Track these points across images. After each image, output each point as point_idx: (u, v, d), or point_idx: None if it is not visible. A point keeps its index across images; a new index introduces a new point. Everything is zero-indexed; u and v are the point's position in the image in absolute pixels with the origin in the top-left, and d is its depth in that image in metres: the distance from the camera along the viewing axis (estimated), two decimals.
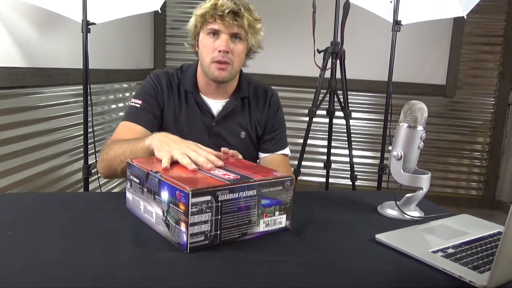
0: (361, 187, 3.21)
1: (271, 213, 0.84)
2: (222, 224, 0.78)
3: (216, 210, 0.76)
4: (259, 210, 0.82)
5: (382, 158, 2.19)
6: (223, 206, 0.77)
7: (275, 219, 0.85)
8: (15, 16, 1.81)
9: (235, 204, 0.79)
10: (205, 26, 1.20)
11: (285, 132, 1.40)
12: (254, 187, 0.81)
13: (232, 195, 0.78)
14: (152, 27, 3.38)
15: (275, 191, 0.84)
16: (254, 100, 1.34)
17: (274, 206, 0.84)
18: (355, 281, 0.69)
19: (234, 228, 0.80)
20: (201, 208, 0.74)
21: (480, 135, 3.30)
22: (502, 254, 0.62)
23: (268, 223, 0.84)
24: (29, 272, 0.66)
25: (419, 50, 3.19)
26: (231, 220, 0.79)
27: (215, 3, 1.16)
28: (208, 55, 1.20)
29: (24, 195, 1.51)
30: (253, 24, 1.21)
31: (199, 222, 0.75)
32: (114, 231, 0.83)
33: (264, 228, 0.84)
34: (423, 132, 0.98)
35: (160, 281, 0.66)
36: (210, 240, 0.77)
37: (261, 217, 0.83)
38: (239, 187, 0.79)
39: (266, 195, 0.83)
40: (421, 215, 1.00)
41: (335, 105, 2.19)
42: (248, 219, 0.81)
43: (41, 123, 2.01)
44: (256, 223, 0.83)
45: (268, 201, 0.83)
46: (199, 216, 0.75)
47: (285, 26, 3.22)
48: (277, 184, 0.84)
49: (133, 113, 1.24)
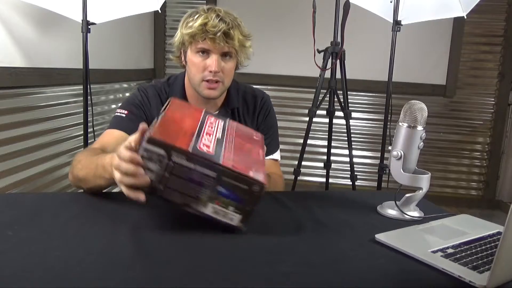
0: (361, 187, 3.21)
1: (225, 204, 0.82)
2: (168, 183, 0.79)
3: (166, 167, 0.78)
4: (213, 194, 0.80)
5: (382, 158, 2.19)
6: (175, 168, 0.78)
7: (226, 212, 0.82)
8: (15, 16, 1.81)
9: (188, 173, 0.78)
10: (194, 45, 1.18)
11: (277, 137, 1.39)
12: (215, 169, 0.79)
13: (188, 163, 0.78)
14: (152, 27, 3.39)
15: (239, 187, 0.80)
16: (244, 108, 1.33)
17: (230, 200, 0.81)
18: (355, 281, 0.69)
19: (179, 193, 0.80)
20: (150, 156, 0.77)
21: (480, 135, 3.30)
22: (501, 254, 0.62)
23: (217, 210, 0.82)
24: (29, 272, 0.66)
25: (419, 50, 3.19)
26: (178, 184, 0.79)
27: (204, 22, 1.13)
28: (198, 74, 1.19)
29: (24, 195, 1.51)
30: (243, 43, 1.20)
31: (146, 168, 0.78)
32: (114, 231, 0.83)
33: (210, 212, 0.82)
34: (423, 132, 0.98)
35: (160, 281, 0.66)
36: (150, 188, 0.79)
37: (212, 201, 0.81)
38: (199, 160, 0.78)
39: (226, 184, 0.80)
40: (421, 215, 1.00)
41: (335, 105, 2.19)
42: (197, 194, 0.80)
43: (41, 123, 2.01)
44: (204, 203, 0.81)
45: (225, 191, 0.80)
46: (148, 162, 0.78)
47: (285, 26, 3.22)
48: (242, 182, 0.80)
49: (118, 121, 1.21)
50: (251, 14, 3.09)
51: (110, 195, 1.05)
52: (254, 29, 1.27)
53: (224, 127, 0.97)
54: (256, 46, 1.30)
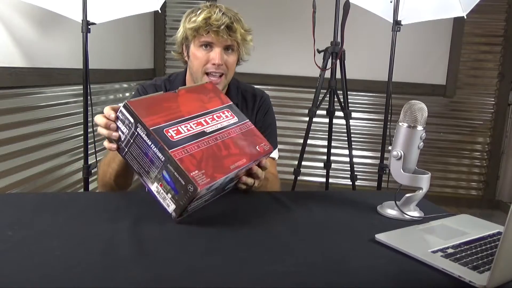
0: (361, 187, 3.21)
1: (166, 190, 0.86)
2: (130, 148, 0.89)
3: (131, 135, 0.88)
4: (159, 175, 0.86)
5: (382, 158, 2.19)
6: (137, 138, 0.87)
7: (165, 197, 0.87)
8: (15, 16, 1.81)
9: (145, 147, 0.87)
10: (198, 39, 1.20)
11: (275, 136, 1.40)
12: (164, 153, 0.85)
13: (146, 138, 0.86)
14: (152, 27, 3.39)
15: (177, 179, 0.84)
16: (243, 106, 1.34)
17: (170, 188, 0.86)
18: (354, 281, 0.69)
19: (136, 161, 0.89)
20: (123, 119, 0.88)
21: (480, 135, 3.30)
22: (501, 254, 0.62)
23: (159, 191, 0.87)
24: (29, 272, 0.66)
25: (419, 50, 3.19)
26: (136, 153, 0.88)
27: (208, 16, 1.17)
28: (201, 67, 1.22)
29: (24, 195, 1.51)
30: (245, 37, 1.24)
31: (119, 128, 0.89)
32: (114, 231, 0.83)
33: (154, 190, 0.88)
34: (423, 132, 0.98)
35: (160, 281, 0.66)
36: (121, 148, 0.90)
37: (157, 180, 0.87)
38: (155, 140, 0.85)
39: (169, 171, 0.85)
40: (421, 215, 1.00)
41: (335, 105, 2.19)
42: (147, 169, 0.88)
43: (41, 123, 2.01)
44: (152, 180, 0.88)
45: (168, 177, 0.85)
46: (120, 124, 0.89)
47: (285, 26, 3.22)
48: (181, 176, 0.83)
49: None
50: (251, 14, 3.08)
51: (110, 195, 1.05)
52: (254, 29, 1.28)
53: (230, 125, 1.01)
54: (256, 46, 1.31)
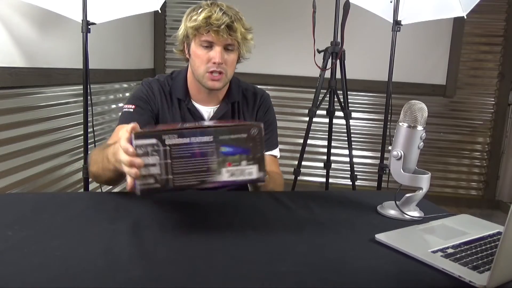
0: (361, 187, 3.21)
1: (236, 162, 0.80)
2: (174, 169, 0.78)
3: (164, 154, 0.77)
4: (220, 158, 0.79)
5: (382, 158, 2.19)
6: (173, 151, 0.77)
7: (242, 169, 0.80)
8: (15, 16, 1.81)
9: (187, 149, 0.78)
10: (198, 37, 1.21)
11: (276, 134, 1.41)
12: (208, 132, 0.78)
13: (182, 139, 0.78)
14: (152, 27, 3.38)
15: (238, 139, 0.79)
16: (243, 104, 1.35)
17: (239, 155, 0.79)
18: (354, 281, 0.69)
19: (189, 174, 0.79)
20: (146, 150, 0.77)
21: (480, 135, 3.30)
22: (501, 254, 0.62)
23: (233, 172, 0.80)
24: (28, 272, 0.66)
25: (419, 50, 3.19)
26: (184, 166, 0.78)
27: (208, 16, 1.17)
28: (202, 65, 1.22)
29: (24, 195, 1.51)
30: (245, 36, 1.24)
31: (146, 164, 0.77)
32: (114, 231, 0.83)
33: (228, 177, 0.80)
34: (423, 132, 0.98)
35: (160, 281, 0.66)
36: (163, 184, 0.78)
37: (223, 165, 0.80)
38: (190, 132, 0.78)
39: (226, 142, 0.79)
40: (421, 215, 1.00)
41: (335, 105, 2.19)
42: (206, 166, 0.79)
43: (41, 123, 2.01)
44: (217, 171, 0.80)
45: (229, 149, 0.79)
46: (145, 158, 0.77)
47: (285, 26, 3.22)
48: (238, 132, 0.79)
49: (126, 116, 1.24)
50: (251, 14, 3.07)
51: (110, 195, 1.05)
52: (254, 29, 1.28)
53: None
54: (256, 46, 1.31)
